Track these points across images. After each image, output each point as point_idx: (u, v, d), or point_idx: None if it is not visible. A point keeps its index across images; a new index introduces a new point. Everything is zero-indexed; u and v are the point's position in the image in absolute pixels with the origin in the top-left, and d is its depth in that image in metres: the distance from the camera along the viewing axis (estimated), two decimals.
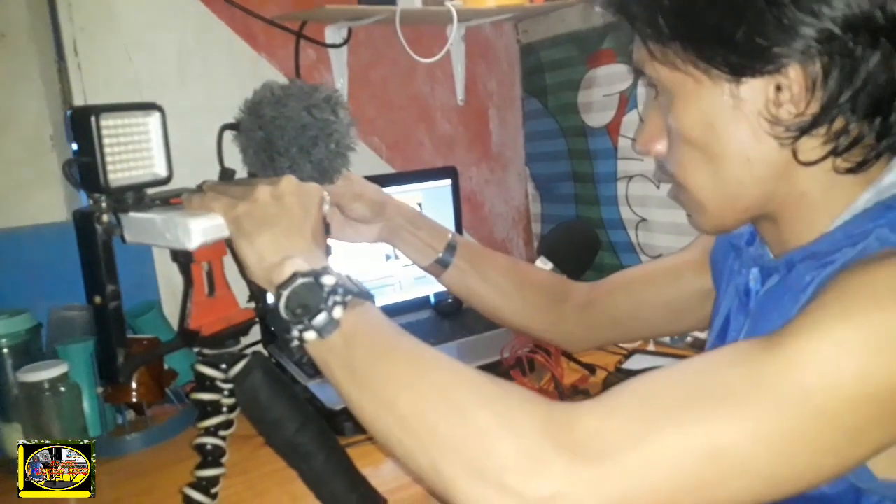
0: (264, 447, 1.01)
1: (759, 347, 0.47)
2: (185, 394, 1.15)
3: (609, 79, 1.44)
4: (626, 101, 1.40)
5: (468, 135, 1.65)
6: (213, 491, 0.67)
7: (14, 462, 1.01)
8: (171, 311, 1.23)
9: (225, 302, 0.68)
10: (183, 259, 0.63)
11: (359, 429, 1.05)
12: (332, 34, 1.41)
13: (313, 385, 1.10)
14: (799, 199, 0.57)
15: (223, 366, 0.66)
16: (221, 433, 0.67)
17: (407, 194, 1.41)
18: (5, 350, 1.02)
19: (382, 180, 1.42)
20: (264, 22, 1.33)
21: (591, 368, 1.20)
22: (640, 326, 0.90)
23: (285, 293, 0.56)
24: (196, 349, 0.66)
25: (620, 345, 1.31)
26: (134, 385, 1.06)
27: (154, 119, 0.64)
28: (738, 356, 0.48)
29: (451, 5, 1.32)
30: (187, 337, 0.65)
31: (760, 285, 0.63)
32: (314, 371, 1.15)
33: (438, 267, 0.88)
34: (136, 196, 0.64)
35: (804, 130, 0.53)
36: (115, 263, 0.63)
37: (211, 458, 0.67)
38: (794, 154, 0.54)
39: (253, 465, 0.97)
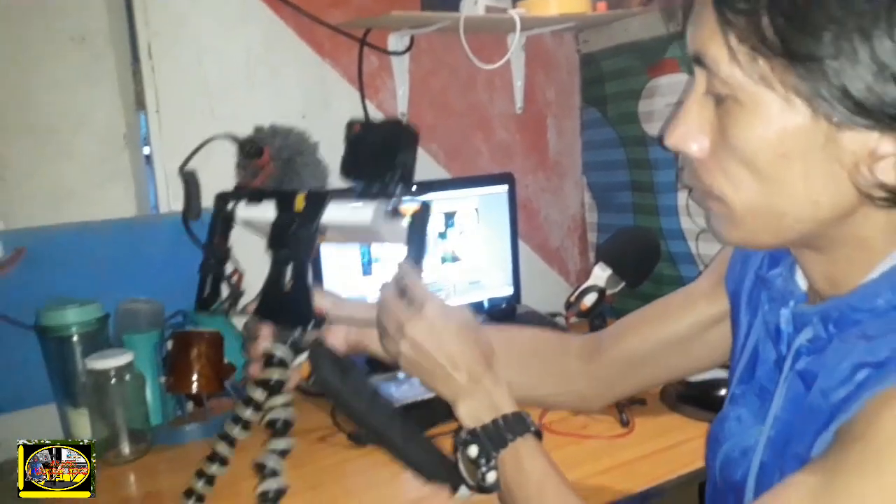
0: (317, 443, 1.04)
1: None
2: (243, 387, 1.17)
3: (672, 88, 1.42)
4: None
5: (525, 143, 1.65)
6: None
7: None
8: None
9: None
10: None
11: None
12: (395, 42, 1.43)
13: (373, 381, 1.11)
14: (856, 241, 0.53)
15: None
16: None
17: (463, 200, 1.42)
18: (75, 338, 1.06)
19: (439, 185, 1.44)
20: (330, 29, 1.36)
21: None
22: (656, 370, 0.83)
23: (461, 460, 0.67)
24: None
25: None
26: (195, 377, 1.08)
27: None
28: None
29: (514, 13, 1.33)
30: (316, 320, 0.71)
31: (793, 330, 0.59)
32: (371, 368, 1.17)
33: None
34: None
35: None
36: None
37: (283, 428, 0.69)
38: (872, 202, 0.49)
39: (310, 460, 0.99)
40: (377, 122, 0.72)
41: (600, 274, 1.11)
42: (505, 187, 1.46)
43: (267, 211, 0.72)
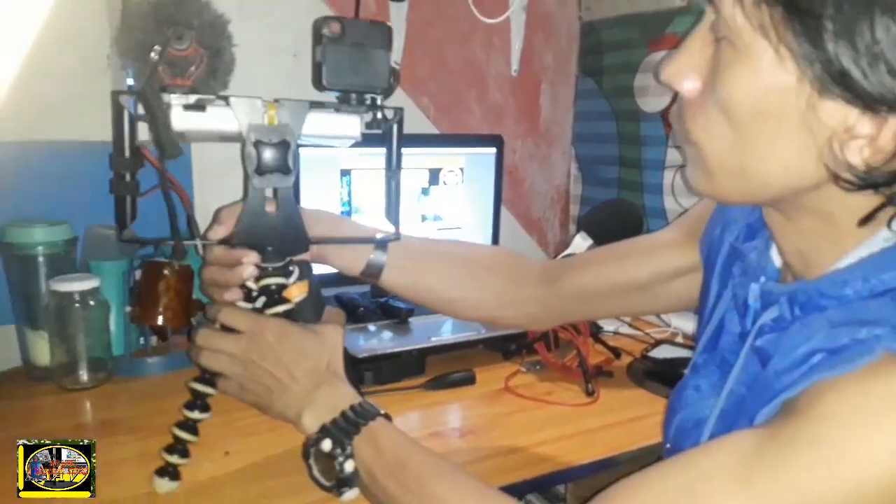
0: None
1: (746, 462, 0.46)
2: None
3: None
4: None
5: (518, 107, 1.63)
6: None
7: (38, 370, 1.04)
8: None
9: None
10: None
11: (379, 378, 1.05)
12: None
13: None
14: (824, 215, 0.52)
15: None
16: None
17: (450, 157, 1.40)
18: (41, 258, 1.03)
19: (427, 140, 1.42)
20: None
21: (617, 352, 1.19)
22: (611, 304, 0.85)
23: (313, 468, 0.67)
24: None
25: (647, 332, 1.30)
26: (161, 309, 1.06)
27: None
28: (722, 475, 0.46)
29: None
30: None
31: (760, 306, 0.59)
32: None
33: (373, 270, 0.80)
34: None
35: (873, 185, 0.47)
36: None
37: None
38: (836, 181, 0.48)
39: None
40: (353, 21, 0.65)
41: (580, 243, 1.10)
42: (493, 150, 1.44)
43: (216, 120, 0.64)
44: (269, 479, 0.80)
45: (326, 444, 0.64)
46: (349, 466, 0.63)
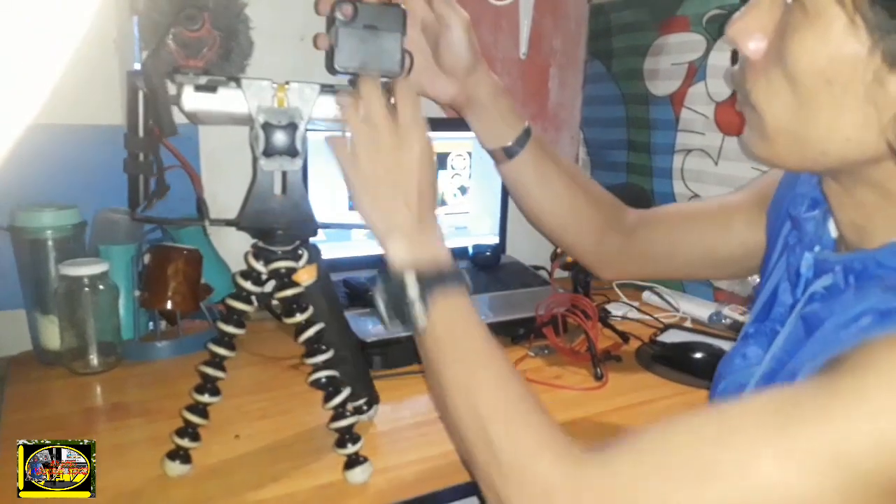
0: (290, 370, 1.03)
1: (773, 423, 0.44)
2: (219, 312, 1.16)
3: (680, 47, 1.39)
4: (695, 71, 1.36)
5: (526, 90, 1.62)
6: None
7: (48, 354, 1.04)
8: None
9: None
10: None
11: (387, 363, 1.05)
12: None
13: (348, 315, 1.10)
14: (885, 192, 0.51)
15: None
16: None
17: (458, 141, 1.39)
18: (50, 242, 1.03)
19: (435, 125, 1.41)
20: None
21: (625, 337, 1.18)
22: (676, 266, 0.86)
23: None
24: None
25: (656, 317, 1.30)
26: (170, 293, 1.07)
27: None
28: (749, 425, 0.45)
29: None
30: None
31: (813, 275, 0.58)
32: (348, 302, 1.16)
33: (503, 154, 0.83)
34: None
35: None
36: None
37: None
38: None
39: (282, 385, 0.99)
40: (366, 4, 0.64)
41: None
42: None
43: (226, 101, 0.64)
44: (279, 462, 0.80)
45: (413, 292, 0.61)
46: (421, 320, 0.61)
